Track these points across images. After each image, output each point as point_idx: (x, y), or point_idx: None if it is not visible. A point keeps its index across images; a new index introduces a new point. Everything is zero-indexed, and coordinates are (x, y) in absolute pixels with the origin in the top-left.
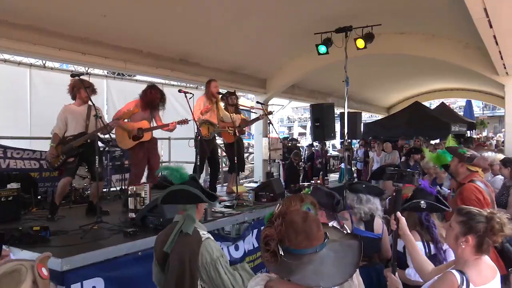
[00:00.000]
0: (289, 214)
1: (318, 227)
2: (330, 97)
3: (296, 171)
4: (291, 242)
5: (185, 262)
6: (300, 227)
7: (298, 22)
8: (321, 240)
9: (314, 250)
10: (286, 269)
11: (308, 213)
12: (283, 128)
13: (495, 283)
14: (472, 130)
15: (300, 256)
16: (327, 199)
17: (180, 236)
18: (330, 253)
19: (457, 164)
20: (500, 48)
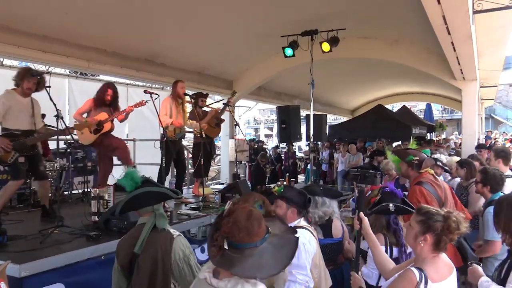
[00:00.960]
0: (235, 212)
1: (260, 224)
2: (297, 99)
3: (262, 172)
4: (235, 238)
5: (158, 260)
6: (243, 224)
7: (265, 24)
8: (262, 235)
9: (255, 245)
10: (228, 262)
11: (252, 212)
12: (249, 129)
13: (452, 279)
14: (432, 132)
15: (242, 250)
16: (298, 197)
17: (151, 235)
18: (269, 247)
19: (407, 168)
20: (457, 54)
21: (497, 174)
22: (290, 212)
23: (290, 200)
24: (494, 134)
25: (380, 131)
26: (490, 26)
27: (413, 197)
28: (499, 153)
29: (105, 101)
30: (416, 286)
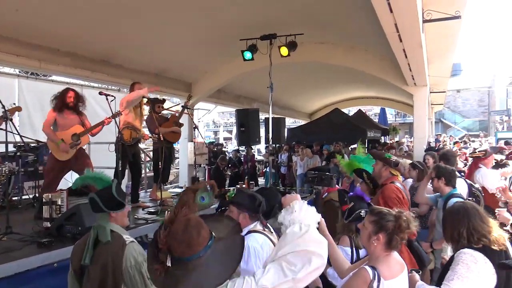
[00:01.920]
0: (173, 223)
1: (199, 232)
2: (256, 102)
3: (222, 175)
4: (176, 252)
5: (108, 267)
6: (180, 237)
7: (224, 27)
8: (204, 244)
9: (198, 256)
10: (173, 280)
11: (189, 220)
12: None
13: (403, 277)
14: (385, 135)
15: (185, 264)
16: (249, 201)
17: (99, 244)
18: (214, 254)
19: (381, 167)
20: (409, 61)
21: (448, 168)
22: (241, 218)
23: (240, 205)
24: (443, 138)
25: (336, 134)
26: (439, 35)
27: (392, 193)
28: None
29: (67, 104)
30: (370, 284)
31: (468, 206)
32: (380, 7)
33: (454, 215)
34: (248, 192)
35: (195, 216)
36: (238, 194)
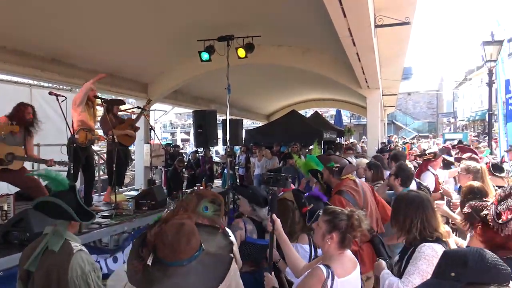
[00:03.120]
0: (164, 225)
1: (189, 240)
2: (213, 104)
3: (179, 177)
4: (160, 252)
5: (52, 276)
6: (169, 240)
7: (181, 28)
8: (190, 254)
9: (181, 263)
10: (147, 280)
11: (183, 226)
12: (166, 134)
13: (356, 273)
14: (341, 137)
15: (166, 268)
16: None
17: (47, 251)
18: (198, 267)
19: (328, 175)
20: (362, 64)
21: (408, 170)
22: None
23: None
24: (395, 139)
25: (293, 135)
26: (390, 40)
27: (334, 204)
28: (394, 157)
29: (26, 121)
30: (324, 282)
31: (423, 196)
32: (334, 12)
33: (409, 203)
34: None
35: (191, 223)
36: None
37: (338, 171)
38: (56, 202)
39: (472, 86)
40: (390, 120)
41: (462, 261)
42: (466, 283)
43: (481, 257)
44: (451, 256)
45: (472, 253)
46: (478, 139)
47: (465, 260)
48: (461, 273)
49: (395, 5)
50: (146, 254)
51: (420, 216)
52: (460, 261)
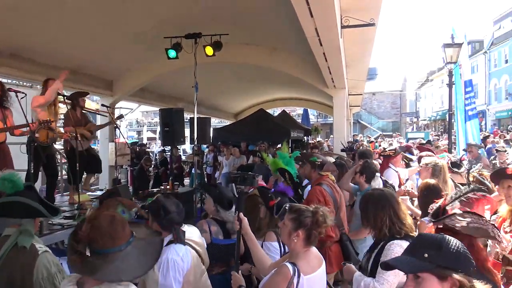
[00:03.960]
0: (97, 219)
1: (123, 227)
2: (181, 102)
3: (146, 176)
4: (97, 243)
5: (16, 279)
6: (105, 229)
7: (148, 24)
8: (126, 239)
9: (119, 249)
10: (89, 268)
11: (115, 216)
12: (132, 132)
13: (321, 270)
14: (308, 136)
15: (105, 255)
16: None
17: (11, 252)
18: (134, 250)
19: (310, 169)
20: (328, 64)
21: (373, 167)
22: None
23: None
24: (360, 137)
25: (261, 134)
26: (356, 40)
27: (314, 196)
28: (360, 155)
29: None
30: (290, 280)
31: (387, 193)
32: (301, 12)
33: (376, 201)
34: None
35: (119, 214)
36: (151, 204)
37: (320, 165)
38: (20, 200)
39: (434, 86)
40: (355, 119)
41: (437, 245)
42: (437, 265)
43: (455, 244)
44: (428, 239)
45: (447, 239)
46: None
47: (440, 244)
48: (435, 256)
49: (361, 7)
50: (83, 248)
51: (388, 213)
52: (435, 244)
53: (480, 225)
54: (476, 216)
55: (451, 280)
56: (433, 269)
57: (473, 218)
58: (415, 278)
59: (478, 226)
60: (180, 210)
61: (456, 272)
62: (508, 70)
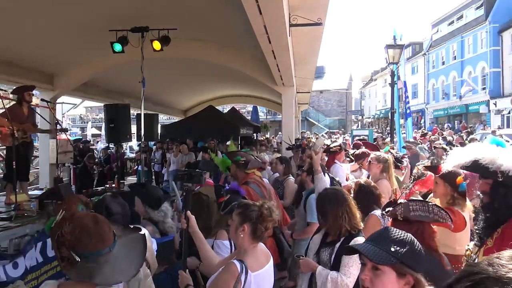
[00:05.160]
0: (78, 219)
1: (109, 227)
2: (127, 97)
3: (89, 175)
4: (85, 246)
5: None
6: (93, 230)
7: (91, 16)
8: (113, 238)
9: (108, 250)
10: (86, 273)
11: (97, 216)
12: (75, 128)
13: (269, 267)
14: (257, 133)
15: (96, 258)
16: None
17: None
18: (121, 249)
19: (235, 169)
20: (277, 62)
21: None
22: None
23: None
24: (308, 135)
25: (211, 131)
26: (304, 39)
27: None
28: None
29: None
30: (238, 277)
31: (341, 191)
32: (250, 9)
33: (332, 200)
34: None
35: (99, 214)
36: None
37: (244, 164)
38: None
39: (377, 86)
40: (304, 116)
41: (405, 242)
42: (401, 261)
43: (419, 246)
44: (396, 234)
45: (413, 239)
46: (382, 135)
47: (408, 242)
48: (400, 252)
49: (308, 6)
50: (67, 253)
51: (345, 209)
52: (403, 241)
53: (425, 211)
54: (421, 203)
55: (407, 278)
56: (395, 264)
57: (419, 206)
58: (374, 269)
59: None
60: (125, 212)
61: (415, 272)
62: (445, 71)
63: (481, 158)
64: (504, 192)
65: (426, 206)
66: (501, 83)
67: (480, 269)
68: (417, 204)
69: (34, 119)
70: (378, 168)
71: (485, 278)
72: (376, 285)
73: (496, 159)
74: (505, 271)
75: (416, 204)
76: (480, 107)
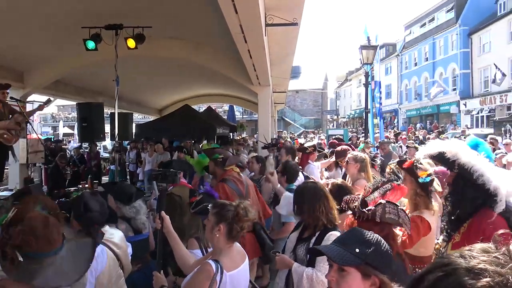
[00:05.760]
0: (28, 219)
1: (58, 230)
2: (101, 96)
3: (61, 175)
4: (31, 247)
5: None
6: (41, 232)
7: (63, 12)
8: (61, 242)
9: (54, 253)
10: (27, 274)
11: (48, 218)
12: (46, 128)
13: (244, 266)
14: (234, 132)
15: (41, 260)
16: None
17: None
18: (68, 253)
19: (213, 166)
20: (253, 61)
21: (294, 167)
22: (75, 225)
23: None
24: (284, 134)
25: (186, 130)
26: (280, 39)
27: (217, 191)
28: (288, 150)
29: None
30: (213, 277)
31: (319, 185)
32: (226, 7)
33: (311, 193)
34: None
35: (51, 216)
36: (75, 200)
37: (222, 161)
38: None
39: (352, 86)
40: (280, 116)
41: (370, 242)
42: (365, 262)
43: (385, 246)
44: (361, 235)
45: (379, 240)
46: (357, 135)
47: (373, 242)
48: (365, 253)
49: (284, 6)
50: (12, 253)
51: (323, 202)
52: (368, 242)
53: (396, 215)
54: (392, 206)
55: (372, 279)
56: (360, 265)
57: (390, 208)
58: (340, 270)
59: (394, 216)
60: (103, 210)
61: (381, 273)
62: (417, 72)
63: (447, 151)
64: (462, 184)
65: (396, 210)
66: (471, 84)
67: (452, 261)
68: (392, 207)
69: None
70: (356, 168)
71: (457, 269)
72: (342, 286)
73: (459, 153)
74: (476, 262)
75: (391, 207)
76: (451, 108)
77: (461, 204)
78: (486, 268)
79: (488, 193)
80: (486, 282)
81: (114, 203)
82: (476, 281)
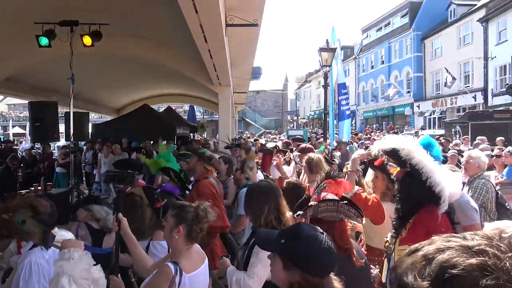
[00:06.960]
0: None
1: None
2: (55, 95)
3: (13, 177)
4: None
5: None
6: None
7: (14, 6)
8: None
9: None
10: None
11: None
12: None
13: (204, 267)
14: (194, 132)
15: None
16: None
17: None
18: None
19: (195, 162)
20: (214, 62)
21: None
22: None
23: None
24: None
25: (145, 130)
26: (241, 40)
27: (206, 188)
28: (247, 150)
29: None
30: (172, 280)
31: (273, 185)
32: (186, 7)
33: (261, 192)
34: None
35: None
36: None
37: (208, 158)
38: None
39: (312, 87)
40: (241, 116)
41: (296, 237)
42: (281, 253)
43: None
44: (294, 229)
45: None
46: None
47: (299, 238)
48: (286, 245)
49: (245, 7)
50: None
51: (272, 202)
52: (294, 237)
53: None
54: (332, 203)
55: (291, 272)
56: (282, 256)
57: (328, 206)
58: (273, 255)
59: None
60: (52, 212)
61: (299, 269)
62: (373, 75)
63: (400, 148)
64: (409, 182)
65: (335, 206)
66: (424, 87)
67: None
68: (327, 205)
69: None
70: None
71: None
72: (272, 268)
73: (412, 152)
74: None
75: (326, 205)
76: (405, 109)
77: (407, 201)
78: (486, 250)
79: (434, 194)
80: (483, 260)
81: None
82: (475, 258)
